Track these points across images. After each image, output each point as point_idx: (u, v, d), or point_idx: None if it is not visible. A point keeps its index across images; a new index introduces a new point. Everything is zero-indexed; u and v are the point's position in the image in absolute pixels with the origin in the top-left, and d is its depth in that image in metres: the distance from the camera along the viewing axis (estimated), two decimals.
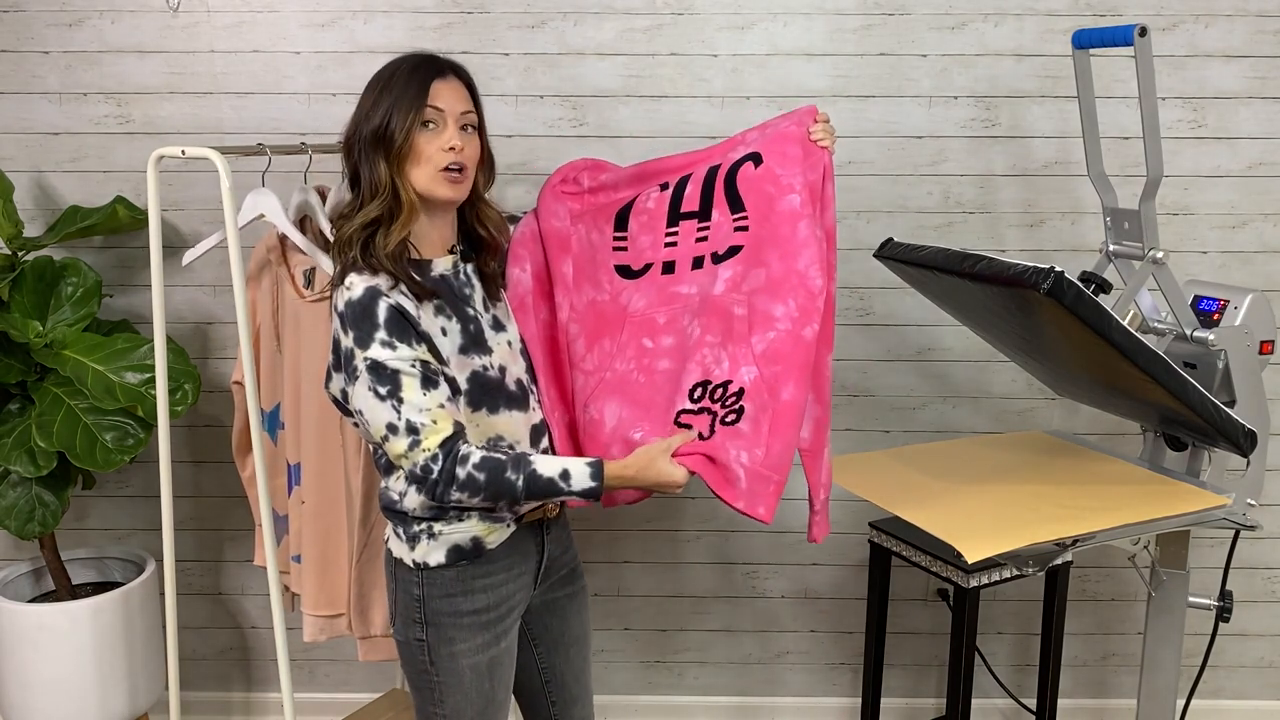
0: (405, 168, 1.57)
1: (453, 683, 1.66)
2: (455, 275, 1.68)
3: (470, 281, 1.69)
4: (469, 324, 1.65)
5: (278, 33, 2.46)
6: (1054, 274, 1.63)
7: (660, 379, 1.69)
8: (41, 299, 2.34)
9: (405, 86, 1.57)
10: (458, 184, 1.60)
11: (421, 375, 1.52)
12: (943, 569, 2.09)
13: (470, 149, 1.61)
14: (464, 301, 1.66)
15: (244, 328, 1.97)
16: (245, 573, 2.71)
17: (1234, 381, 1.95)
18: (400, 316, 1.52)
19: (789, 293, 1.62)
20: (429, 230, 1.65)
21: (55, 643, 2.33)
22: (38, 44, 2.46)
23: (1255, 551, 2.66)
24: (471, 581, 1.64)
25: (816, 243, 1.64)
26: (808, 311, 1.61)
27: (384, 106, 1.56)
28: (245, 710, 2.79)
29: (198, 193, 2.52)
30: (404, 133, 1.55)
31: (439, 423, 1.52)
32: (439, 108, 1.57)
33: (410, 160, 1.57)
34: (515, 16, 2.44)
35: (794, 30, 2.45)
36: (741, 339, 1.63)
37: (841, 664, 2.76)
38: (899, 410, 2.62)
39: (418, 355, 1.52)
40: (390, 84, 1.58)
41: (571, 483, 1.54)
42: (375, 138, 1.57)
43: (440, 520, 1.63)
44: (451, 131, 1.58)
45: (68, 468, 2.28)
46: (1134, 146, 2.43)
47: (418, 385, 1.51)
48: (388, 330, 1.51)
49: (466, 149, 1.60)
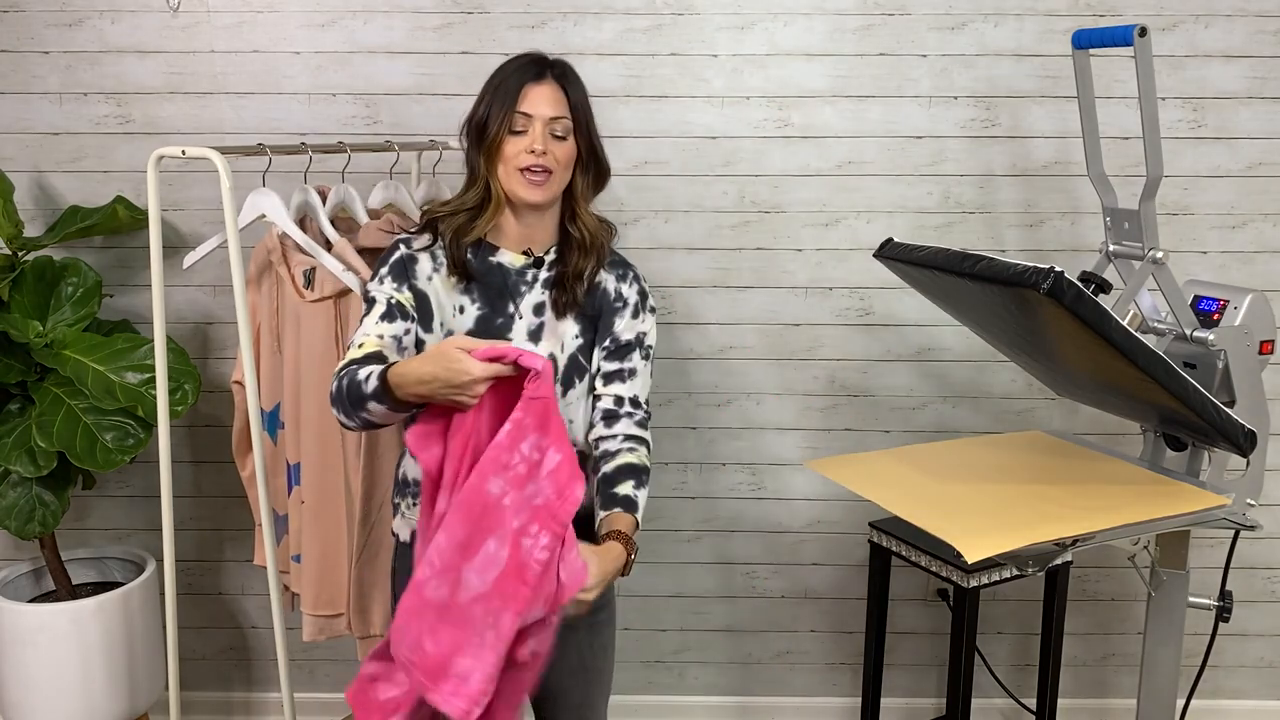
0: (495, 165, 1.64)
1: None
2: (517, 271, 1.69)
3: (533, 284, 1.69)
4: (499, 316, 1.66)
5: (278, 33, 2.46)
6: (1054, 274, 1.63)
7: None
8: (41, 299, 2.34)
9: (502, 88, 1.63)
10: (537, 186, 1.62)
11: (387, 308, 1.62)
12: (943, 569, 2.09)
13: (559, 153, 1.63)
14: (512, 295, 1.67)
15: (244, 328, 1.97)
16: (245, 573, 2.71)
17: (1234, 381, 1.95)
18: (403, 264, 1.65)
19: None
20: (511, 226, 1.69)
21: (55, 643, 2.33)
22: (38, 44, 2.46)
23: (1255, 551, 2.66)
24: None
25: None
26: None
27: (485, 103, 1.64)
28: (245, 710, 2.79)
29: (198, 193, 2.52)
30: (495, 134, 1.62)
31: (363, 346, 1.59)
32: (527, 113, 1.62)
33: (499, 159, 1.63)
34: (515, 16, 2.44)
35: (794, 30, 2.45)
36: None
37: (841, 664, 2.76)
38: (899, 410, 2.62)
39: (399, 296, 1.62)
40: (495, 82, 1.65)
41: (368, 380, 1.49)
42: (476, 131, 1.65)
43: (405, 500, 1.73)
44: (535, 136, 1.61)
45: (68, 468, 2.28)
46: (1134, 146, 2.43)
47: (379, 314, 1.63)
48: (389, 269, 1.65)
49: (553, 152, 1.62)
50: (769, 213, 2.53)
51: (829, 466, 2.12)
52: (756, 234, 2.54)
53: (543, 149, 1.61)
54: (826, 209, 2.53)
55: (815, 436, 2.62)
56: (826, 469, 2.10)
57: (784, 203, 2.52)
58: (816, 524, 2.66)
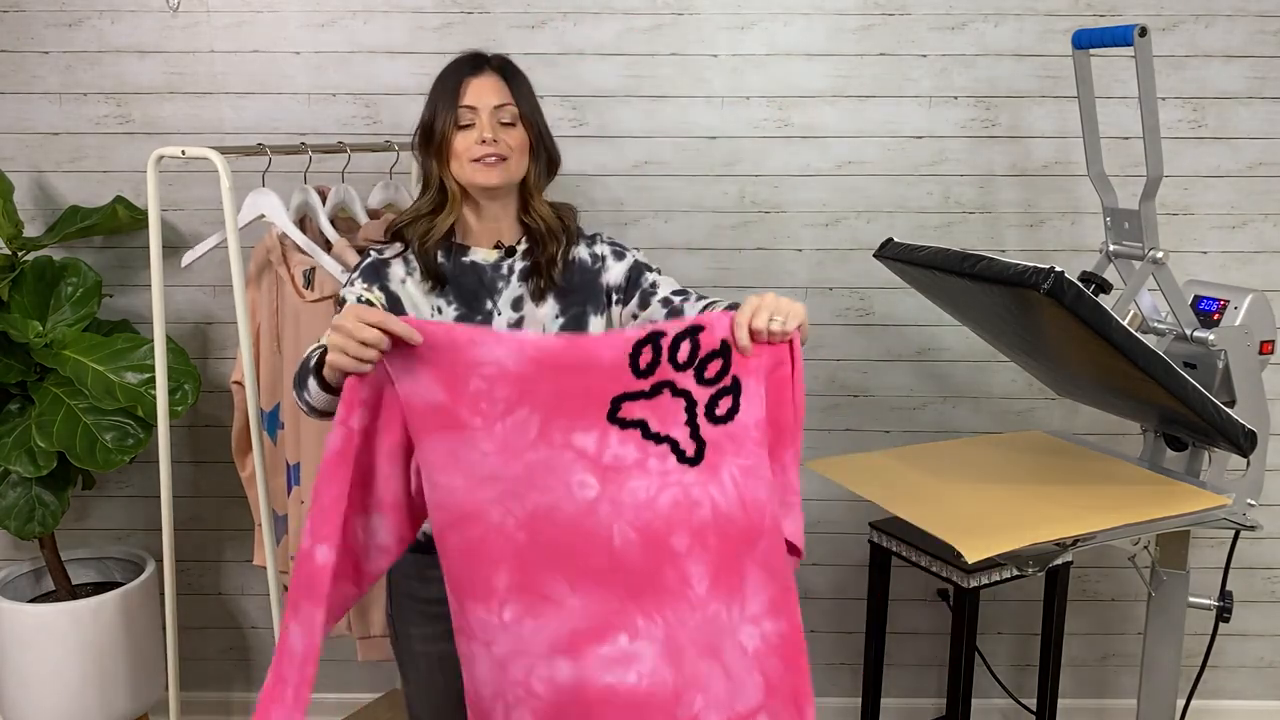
0: (448, 164, 1.65)
1: (409, 666, 1.70)
2: (492, 266, 1.68)
3: (508, 277, 1.69)
4: (477, 315, 1.66)
5: (278, 33, 2.45)
6: (1054, 274, 1.63)
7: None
8: (41, 299, 2.34)
9: (444, 88, 1.64)
10: (492, 168, 1.63)
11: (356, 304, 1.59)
12: (943, 569, 2.09)
13: (511, 139, 1.64)
14: (489, 293, 1.67)
15: (244, 328, 1.97)
16: (245, 573, 2.71)
17: (1234, 381, 1.95)
18: (375, 267, 1.64)
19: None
20: (475, 222, 1.68)
21: (55, 643, 2.33)
22: (37, 44, 2.46)
23: (1255, 551, 2.66)
24: (427, 570, 1.59)
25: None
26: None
27: (429, 107, 1.65)
28: (245, 710, 2.79)
29: (198, 193, 2.52)
30: (442, 132, 1.63)
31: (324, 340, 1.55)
32: (471, 106, 1.62)
33: (451, 157, 1.64)
34: (515, 16, 2.44)
35: (794, 30, 2.45)
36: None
37: (841, 664, 2.76)
38: (899, 410, 2.62)
39: (369, 295, 1.61)
40: (437, 85, 1.66)
41: (311, 355, 1.46)
42: (423, 137, 1.66)
43: None
44: (483, 125, 1.62)
45: (68, 468, 2.28)
46: (1134, 146, 2.43)
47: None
48: (360, 273, 1.65)
49: (505, 139, 1.63)
50: (769, 213, 2.53)
51: (829, 466, 2.12)
52: (757, 234, 2.54)
53: (493, 137, 1.61)
54: (827, 209, 2.53)
55: (815, 436, 2.62)
56: (827, 469, 2.10)
57: (784, 203, 2.52)
58: (816, 524, 2.66)
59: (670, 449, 1.34)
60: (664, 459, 1.33)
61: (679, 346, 1.35)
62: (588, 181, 2.50)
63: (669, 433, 1.34)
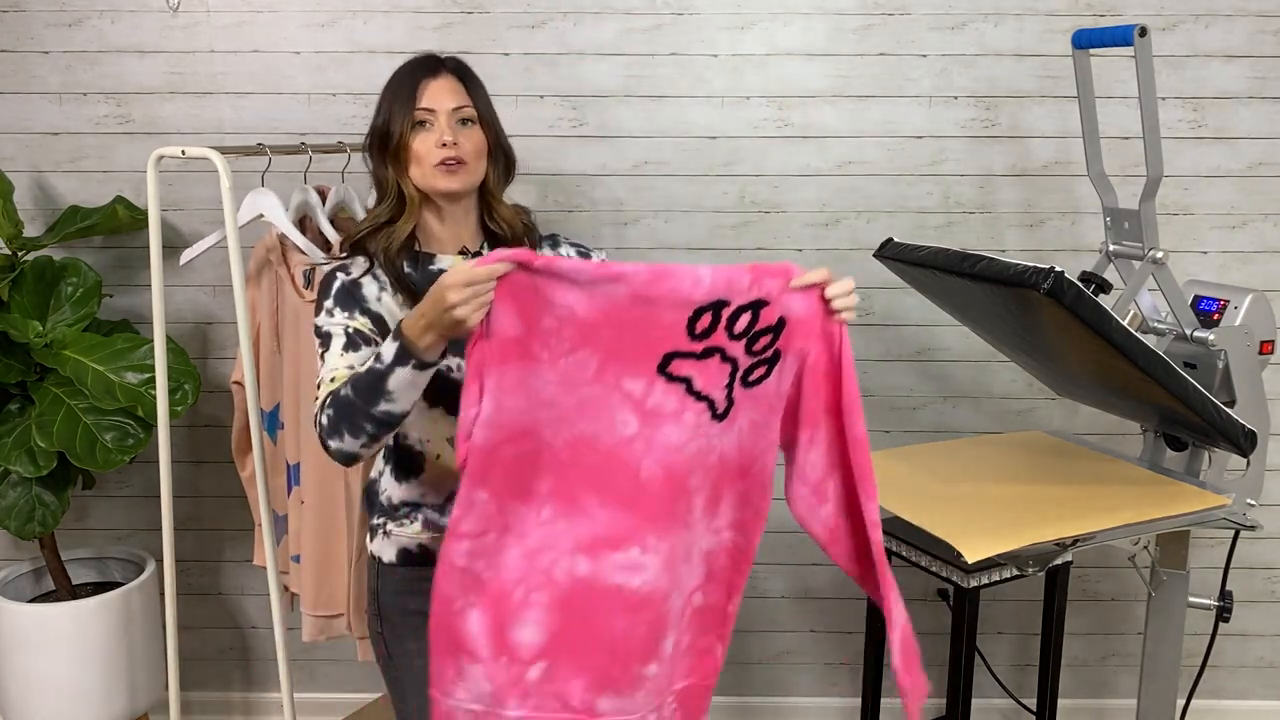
0: (406, 169, 1.61)
1: (409, 681, 1.64)
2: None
3: None
4: None
5: (278, 33, 2.45)
6: (1054, 274, 1.63)
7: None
8: (41, 299, 2.34)
9: (400, 91, 1.61)
10: (454, 173, 1.60)
11: (347, 339, 1.55)
12: (943, 569, 2.09)
13: (469, 141, 1.61)
14: None
15: (244, 328, 1.97)
16: (245, 573, 2.71)
17: (1234, 381, 1.95)
18: (348, 291, 1.58)
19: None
20: (438, 229, 1.65)
21: (55, 643, 2.33)
22: (37, 44, 2.46)
23: (1255, 551, 2.66)
24: (422, 584, 1.55)
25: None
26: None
27: (384, 112, 1.61)
28: (245, 710, 2.79)
29: (198, 193, 2.52)
30: (399, 136, 1.59)
31: (335, 380, 1.51)
32: (429, 108, 1.59)
33: (410, 161, 1.60)
34: (515, 16, 2.44)
35: (794, 30, 2.45)
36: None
37: (841, 664, 2.76)
38: (899, 410, 2.62)
39: (354, 324, 1.56)
40: (389, 89, 1.62)
41: (382, 355, 1.45)
42: (379, 142, 1.61)
43: (391, 521, 1.65)
44: (441, 128, 1.59)
45: (68, 468, 2.28)
46: (1134, 146, 2.43)
47: (339, 347, 1.55)
48: (334, 300, 1.58)
49: (464, 142, 1.60)
50: (769, 213, 2.53)
51: None
52: (757, 234, 2.54)
53: (453, 139, 1.59)
54: (827, 209, 2.53)
55: None
56: None
57: (784, 203, 2.52)
58: None
59: (707, 406, 1.47)
60: (699, 415, 1.47)
61: (739, 317, 1.43)
62: (588, 181, 2.50)
63: (709, 394, 1.47)
